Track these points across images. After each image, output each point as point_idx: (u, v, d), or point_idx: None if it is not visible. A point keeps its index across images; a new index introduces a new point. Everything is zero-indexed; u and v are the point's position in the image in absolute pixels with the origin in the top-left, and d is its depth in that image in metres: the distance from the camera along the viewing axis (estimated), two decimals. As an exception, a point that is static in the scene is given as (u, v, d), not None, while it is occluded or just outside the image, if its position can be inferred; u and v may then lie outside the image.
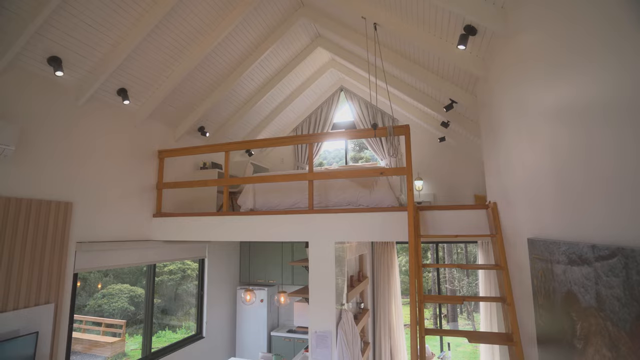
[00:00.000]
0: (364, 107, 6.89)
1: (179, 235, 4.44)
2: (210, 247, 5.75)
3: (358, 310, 5.47)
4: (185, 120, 5.16)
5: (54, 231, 3.38)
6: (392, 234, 3.55)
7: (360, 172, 3.85)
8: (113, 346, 7.55)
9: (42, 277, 3.27)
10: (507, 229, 2.96)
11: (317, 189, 4.05)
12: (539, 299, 2.06)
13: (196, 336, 5.48)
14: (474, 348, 10.41)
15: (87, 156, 3.81)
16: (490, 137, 3.47)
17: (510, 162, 2.76)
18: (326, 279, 3.67)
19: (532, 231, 2.22)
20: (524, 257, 2.41)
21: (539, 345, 2.16)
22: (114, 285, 8.40)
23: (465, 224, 3.50)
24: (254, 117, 6.37)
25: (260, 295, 6.17)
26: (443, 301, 3.25)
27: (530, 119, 2.22)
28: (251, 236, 4.05)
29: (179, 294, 8.28)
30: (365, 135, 4.05)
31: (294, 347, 5.94)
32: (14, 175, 3.13)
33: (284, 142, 4.26)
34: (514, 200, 2.70)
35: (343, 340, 3.62)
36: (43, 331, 3.21)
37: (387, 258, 6.17)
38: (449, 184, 6.32)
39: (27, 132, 3.25)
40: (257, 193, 4.31)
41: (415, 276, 2.94)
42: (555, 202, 1.85)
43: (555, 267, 1.76)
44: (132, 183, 4.35)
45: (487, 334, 3.08)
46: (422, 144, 6.43)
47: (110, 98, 4.06)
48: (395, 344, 6.02)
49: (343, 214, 3.70)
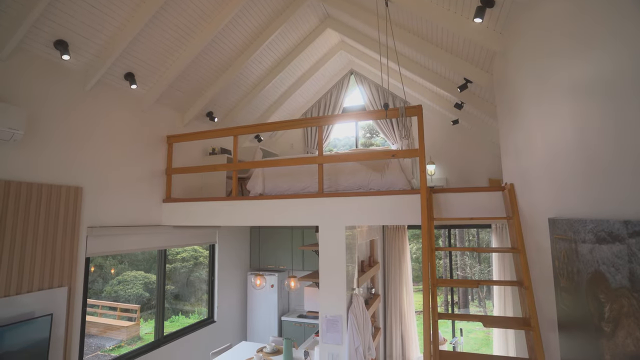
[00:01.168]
0: (374, 90, 6.73)
1: (188, 220, 4.43)
2: (220, 232, 5.75)
3: (369, 295, 5.44)
4: (193, 105, 5.10)
5: (64, 216, 3.39)
6: (405, 217, 3.46)
7: (371, 155, 3.75)
8: (128, 330, 7.75)
9: (55, 260, 3.29)
10: (525, 210, 2.85)
11: (327, 173, 3.97)
12: (560, 282, 1.96)
13: (208, 320, 5.54)
14: (486, 335, 10.36)
15: (96, 141, 3.79)
16: (507, 116, 3.33)
17: (530, 141, 2.63)
18: (336, 263, 3.62)
19: (554, 211, 2.11)
20: (544, 239, 2.30)
21: (560, 329, 2.07)
22: (129, 272, 8.56)
23: (480, 206, 3.39)
24: (262, 102, 6.29)
25: (270, 280, 6.19)
26: (457, 285, 3.17)
27: (554, 94, 2.09)
28: (260, 220, 4.01)
29: (192, 280, 8.40)
30: (376, 117, 3.94)
31: (304, 331, 5.97)
32: (24, 160, 3.13)
33: (293, 125, 4.18)
34: (534, 180, 2.57)
35: (354, 325, 3.58)
36: (57, 313, 3.25)
37: (399, 243, 6.09)
38: (462, 168, 6.17)
39: (35, 117, 3.23)
40: (266, 178, 4.26)
41: (428, 259, 2.87)
42: (581, 179, 1.73)
43: (580, 247, 1.65)
44: (142, 168, 4.34)
45: (502, 319, 3.00)
46: (434, 127, 6.27)
47: (118, 82, 4.01)
48: (407, 330, 5.99)
49: (354, 197, 3.62)
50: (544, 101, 2.29)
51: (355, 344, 3.55)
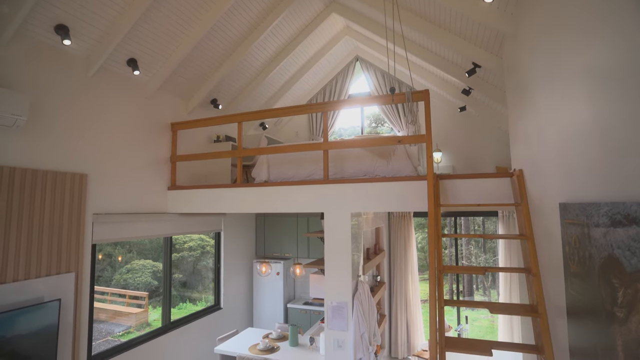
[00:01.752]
0: (380, 77, 6.62)
1: (193, 208, 4.44)
2: (225, 220, 5.77)
3: (374, 282, 5.44)
4: (197, 92, 5.06)
5: (70, 202, 3.40)
6: (411, 204, 3.42)
7: (377, 141, 3.70)
8: (137, 316, 7.90)
9: (62, 247, 3.32)
10: (534, 196, 2.79)
11: (332, 160, 3.93)
12: (570, 267, 1.92)
13: (214, 307, 5.59)
14: (491, 323, 10.38)
15: (100, 128, 3.78)
16: (517, 100, 3.24)
17: (541, 125, 2.56)
18: (342, 249, 3.60)
19: (565, 195, 2.06)
20: (554, 224, 2.25)
21: (569, 315, 2.03)
22: (137, 261, 8.67)
23: (488, 193, 3.34)
24: (267, 89, 6.22)
25: (276, 268, 6.22)
26: (463, 271, 3.15)
27: (569, 75, 2.01)
28: (265, 207, 4.00)
29: (199, 269, 8.49)
30: (382, 102, 3.87)
31: (310, 318, 6.01)
32: (28, 147, 3.12)
33: (298, 111, 4.12)
34: (544, 165, 2.51)
35: (359, 311, 3.58)
36: (66, 299, 3.29)
37: (404, 232, 6.07)
38: (469, 155, 6.09)
39: (38, 104, 3.21)
40: (271, 165, 4.23)
41: (434, 246, 2.83)
42: (596, 162, 1.68)
43: (593, 231, 1.61)
44: (146, 156, 4.33)
45: (509, 305, 2.97)
46: (441, 114, 6.17)
47: (120, 69, 3.97)
48: (412, 318, 6.01)
49: (359, 183, 3.59)
50: (557, 83, 2.22)
51: (360, 330, 3.56)
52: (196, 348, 5.01)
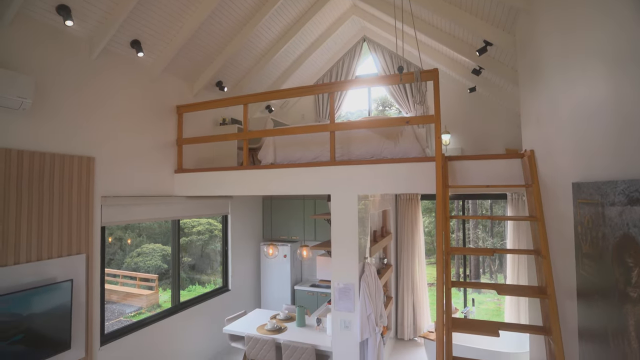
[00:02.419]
0: (388, 58, 6.47)
1: (200, 191, 4.45)
2: (232, 203, 5.79)
3: (381, 265, 5.46)
4: (202, 74, 5.00)
5: (78, 185, 3.43)
6: (419, 186, 3.38)
7: (385, 122, 3.64)
8: (148, 298, 8.11)
9: (72, 229, 3.36)
10: (545, 176, 2.73)
11: (339, 142, 3.88)
12: (582, 248, 1.89)
13: (222, 289, 5.68)
14: (497, 306, 10.43)
15: (106, 111, 3.76)
16: (530, 79, 3.14)
17: (555, 104, 2.48)
18: (349, 231, 3.60)
19: (579, 175, 2.00)
20: (566, 205, 2.20)
21: (579, 297, 2.01)
22: (147, 245, 8.82)
23: (497, 174, 3.28)
24: (272, 71, 6.13)
25: (283, 250, 6.27)
26: (471, 253, 3.13)
27: (586, 51, 1.92)
28: (272, 189, 3.99)
29: (207, 252, 8.63)
30: (390, 82, 3.78)
31: (317, 300, 6.08)
32: (34, 130, 3.12)
33: (305, 92, 4.05)
34: (557, 145, 2.44)
35: (366, 293, 3.60)
36: (77, 279, 3.35)
37: (411, 215, 6.04)
38: (478, 137, 5.98)
39: (42, 86, 3.19)
40: (277, 147, 4.20)
41: (442, 227, 2.81)
42: (614, 140, 1.61)
43: (607, 210, 1.56)
44: (152, 139, 4.32)
45: (517, 287, 2.96)
46: (450, 95, 6.04)
47: (124, 50, 3.93)
48: (418, 300, 6.04)
49: (366, 165, 3.55)
50: (572, 59, 2.13)
51: (367, 311, 3.59)
52: (205, 328, 5.12)
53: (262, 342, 3.97)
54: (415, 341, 5.98)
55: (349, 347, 3.62)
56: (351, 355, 3.61)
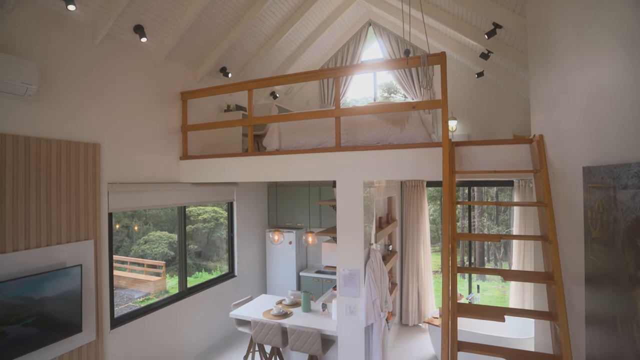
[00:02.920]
0: (394, 42, 6.36)
1: (205, 177, 4.46)
2: (238, 190, 5.81)
3: (386, 251, 5.47)
4: (206, 60, 4.95)
5: (85, 172, 3.44)
6: (425, 172, 3.35)
7: (391, 107, 3.59)
8: (155, 284, 8.25)
9: (80, 215, 3.39)
10: (554, 161, 2.69)
11: (344, 128, 3.84)
12: (592, 232, 1.86)
13: (229, 275, 5.75)
14: (502, 293, 10.47)
15: (110, 98, 3.75)
16: (541, 62, 3.06)
17: (567, 86, 2.42)
18: (354, 217, 3.59)
19: (590, 158, 1.96)
20: (575, 190, 2.17)
21: (587, 282, 2.00)
22: (154, 233, 8.91)
23: (505, 160, 3.23)
24: (277, 57, 6.05)
25: (288, 237, 6.30)
26: (477, 239, 3.12)
27: (601, 30, 1.86)
28: (277, 176, 3.98)
29: (213, 240, 8.72)
30: (397, 66, 3.72)
31: (322, 286, 6.13)
32: (40, 117, 3.12)
33: (309, 77, 4.00)
34: (568, 128, 2.39)
35: (371, 278, 3.62)
36: (86, 264, 3.40)
37: (417, 202, 6.02)
38: (485, 124, 5.90)
39: (46, 72, 3.17)
40: (282, 133, 4.17)
41: (449, 213, 2.79)
42: (628, 121, 1.57)
43: (619, 194, 1.53)
44: (157, 126, 4.32)
45: (523, 273, 2.95)
46: (457, 81, 5.94)
47: (127, 36, 3.89)
48: (423, 287, 6.07)
49: (372, 151, 3.52)
50: (587, 39, 2.06)
51: (372, 297, 3.61)
52: (212, 313, 5.20)
53: (268, 327, 4.03)
54: (420, 327, 6.04)
55: (354, 332, 3.66)
56: (356, 339, 3.65)
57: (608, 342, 1.72)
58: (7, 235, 2.83)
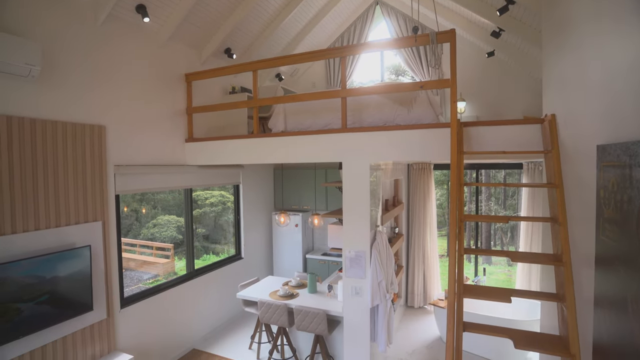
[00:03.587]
0: (402, 22, 6.19)
1: (211, 160, 4.45)
2: (244, 173, 5.81)
3: (392, 234, 5.47)
4: (210, 40, 4.87)
5: (91, 154, 3.45)
6: (432, 153, 3.30)
7: (398, 87, 3.51)
8: (164, 266, 8.41)
9: (87, 197, 3.42)
10: (566, 141, 2.62)
11: (350, 109, 3.78)
12: (604, 212, 1.82)
13: (236, 257, 5.81)
14: (508, 276, 10.48)
15: (114, 80, 3.71)
16: (556, 39, 2.95)
17: (582, 63, 2.33)
18: (360, 198, 3.57)
19: (605, 137, 1.90)
20: (588, 169, 2.12)
21: (598, 263, 1.96)
22: (162, 217, 9.03)
23: (515, 141, 3.16)
24: (282, 38, 5.93)
25: (295, 220, 6.32)
26: (485, 220, 3.08)
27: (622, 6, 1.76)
28: (283, 157, 3.96)
29: (221, 224, 8.81)
30: (405, 44, 3.62)
31: (328, 268, 6.18)
32: (44, 98, 3.10)
33: (315, 57, 3.92)
34: (582, 107, 2.32)
35: (377, 260, 3.62)
36: (95, 245, 3.45)
37: (424, 185, 5.97)
38: (495, 105, 5.77)
39: (49, 54, 3.14)
40: (288, 115, 4.12)
41: (456, 194, 2.75)
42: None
43: (635, 172, 1.48)
44: (162, 108, 4.29)
45: (531, 254, 2.92)
46: (466, 61, 5.78)
47: (130, 16, 3.82)
48: (429, 270, 6.08)
49: (378, 132, 3.46)
50: (605, 12, 1.96)
51: (378, 278, 3.62)
52: (220, 294, 5.29)
53: (275, 307, 4.08)
54: (425, 309, 6.09)
55: (359, 313, 3.69)
56: (362, 320, 3.69)
57: (617, 323, 1.70)
58: (17, 216, 2.87)
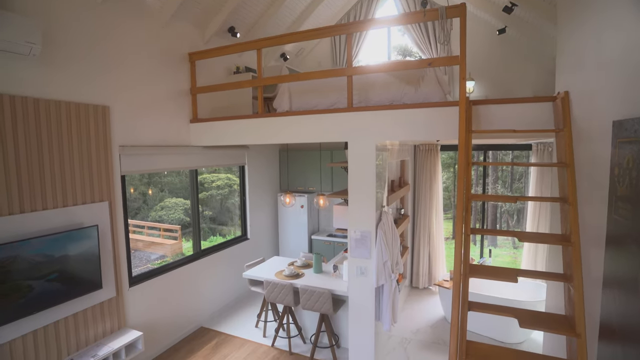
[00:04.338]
0: None
1: (216, 140, 4.42)
2: (249, 154, 5.78)
3: (398, 215, 5.46)
4: (213, 19, 4.76)
5: (95, 134, 3.44)
6: (440, 133, 3.23)
7: (405, 64, 3.42)
8: (172, 247, 8.58)
9: (93, 177, 3.43)
10: (580, 118, 2.54)
11: (356, 88, 3.70)
12: (617, 191, 1.77)
13: (241, 237, 5.86)
14: (513, 259, 10.49)
15: (116, 59, 3.65)
16: (572, 12, 2.82)
17: (601, 37, 2.23)
18: (366, 178, 3.54)
19: (622, 112, 1.83)
20: (602, 147, 2.05)
21: (608, 243, 1.93)
22: (169, 199, 9.12)
23: (525, 120, 3.08)
24: (286, 16, 5.79)
25: (300, 201, 6.33)
26: (493, 199, 3.04)
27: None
28: (288, 137, 3.91)
29: (227, 206, 8.89)
30: (413, 20, 3.50)
31: (333, 249, 6.22)
32: (46, 78, 3.06)
33: (320, 34, 3.81)
34: (598, 82, 2.23)
35: (382, 240, 3.61)
36: (102, 225, 3.48)
37: (430, 166, 5.91)
38: (505, 84, 5.63)
39: (50, 32, 3.07)
40: (293, 94, 4.05)
41: (464, 174, 2.70)
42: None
43: (653, 147, 1.43)
44: (166, 88, 4.24)
45: (539, 234, 2.89)
46: (476, 39, 5.61)
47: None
48: (434, 251, 6.09)
49: (385, 111, 3.40)
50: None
51: (383, 258, 3.62)
52: (226, 273, 5.36)
53: (280, 287, 4.12)
54: (430, 289, 6.13)
55: (364, 292, 3.72)
56: (367, 299, 3.72)
57: (626, 303, 1.68)
58: (25, 195, 2.89)
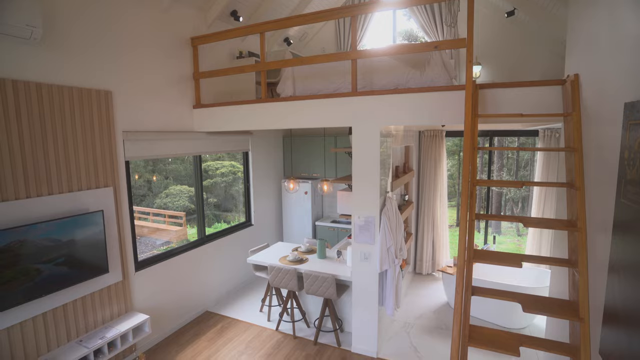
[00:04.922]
0: (416, -21, 5.83)
1: (219, 126, 4.40)
2: (253, 140, 5.76)
3: (402, 202, 5.44)
4: (216, 2, 4.67)
5: (99, 119, 3.43)
6: (445, 117, 3.19)
7: (411, 47, 3.35)
8: (177, 233, 8.68)
9: (97, 162, 3.43)
10: (589, 101, 2.48)
11: (361, 72, 3.64)
12: (627, 174, 1.74)
13: (246, 223, 5.89)
14: (517, 245, 10.48)
15: (119, 44, 3.62)
16: (583, -10, 2.73)
17: (614, 18, 2.15)
18: (370, 164, 3.52)
19: (634, 94, 1.78)
20: (612, 129, 2.01)
21: (616, 228, 1.90)
22: (174, 187, 9.18)
23: (533, 104, 3.02)
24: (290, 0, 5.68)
25: (304, 187, 6.33)
26: (499, 185, 3.02)
27: None
28: (292, 122, 3.88)
29: (231, 193, 8.92)
30: (420, 1, 3.42)
31: (337, 235, 6.24)
32: (48, 62, 3.04)
33: (324, 17, 3.73)
34: (610, 64, 2.17)
35: (386, 226, 3.61)
36: (107, 211, 3.51)
37: (435, 152, 5.87)
38: (512, 69, 5.51)
39: (50, 17, 3.03)
40: (296, 79, 4.01)
41: (469, 158, 2.67)
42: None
43: (666, 128, 1.39)
44: (169, 73, 4.20)
45: (544, 220, 2.86)
46: (484, 21, 5.47)
47: (132, -26, 3.66)
48: (438, 238, 6.09)
49: (389, 95, 3.35)
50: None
51: (387, 244, 3.63)
52: (230, 259, 5.41)
53: (285, 272, 4.16)
54: (433, 276, 6.15)
55: (368, 277, 3.74)
56: (370, 284, 3.74)
57: (633, 289, 1.67)
58: (30, 180, 2.90)
